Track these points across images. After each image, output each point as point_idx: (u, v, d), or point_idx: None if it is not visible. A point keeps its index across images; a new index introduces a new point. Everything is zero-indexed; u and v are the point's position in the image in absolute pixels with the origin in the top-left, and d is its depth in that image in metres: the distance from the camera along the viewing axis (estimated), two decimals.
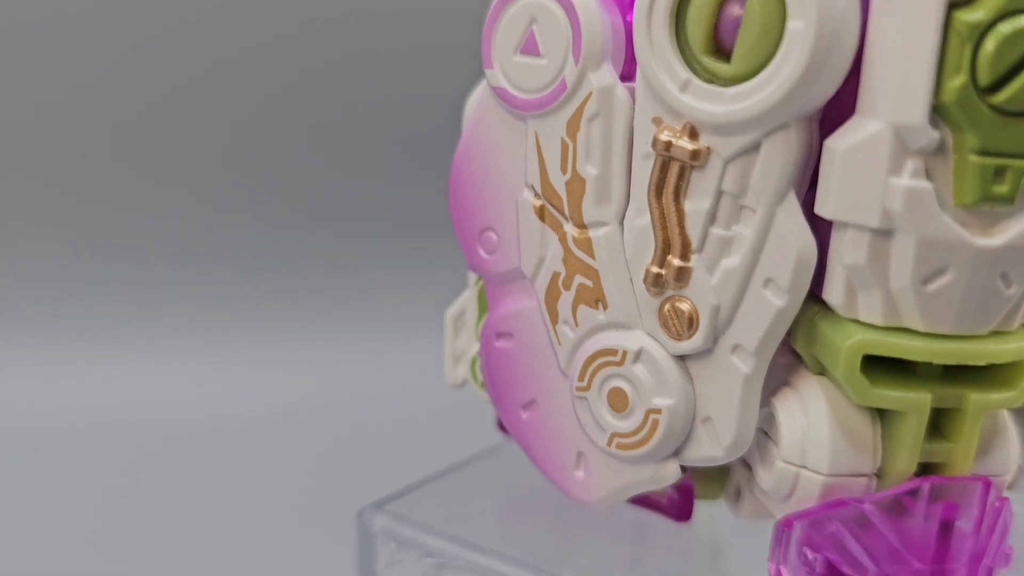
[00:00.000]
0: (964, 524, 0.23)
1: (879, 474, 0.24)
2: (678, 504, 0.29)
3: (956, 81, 0.20)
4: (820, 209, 0.23)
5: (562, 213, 0.26)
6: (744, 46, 0.22)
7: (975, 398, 0.23)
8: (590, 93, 0.25)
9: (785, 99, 0.22)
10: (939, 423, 0.24)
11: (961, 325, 0.22)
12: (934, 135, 0.21)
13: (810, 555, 0.23)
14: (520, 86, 0.26)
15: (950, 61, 0.20)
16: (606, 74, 0.25)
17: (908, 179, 0.21)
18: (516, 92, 0.26)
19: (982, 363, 0.22)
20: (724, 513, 0.29)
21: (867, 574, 0.23)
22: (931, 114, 0.21)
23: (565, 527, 0.31)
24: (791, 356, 0.25)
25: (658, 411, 0.25)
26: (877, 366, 0.23)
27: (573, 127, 0.26)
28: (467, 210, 0.29)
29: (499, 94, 0.27)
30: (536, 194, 0.27)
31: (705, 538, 0.30)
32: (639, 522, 0.30)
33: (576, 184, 0.26)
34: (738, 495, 0.28)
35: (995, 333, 0.23)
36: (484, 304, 0.30)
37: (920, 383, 0.23)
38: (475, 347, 0.32)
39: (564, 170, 0.26)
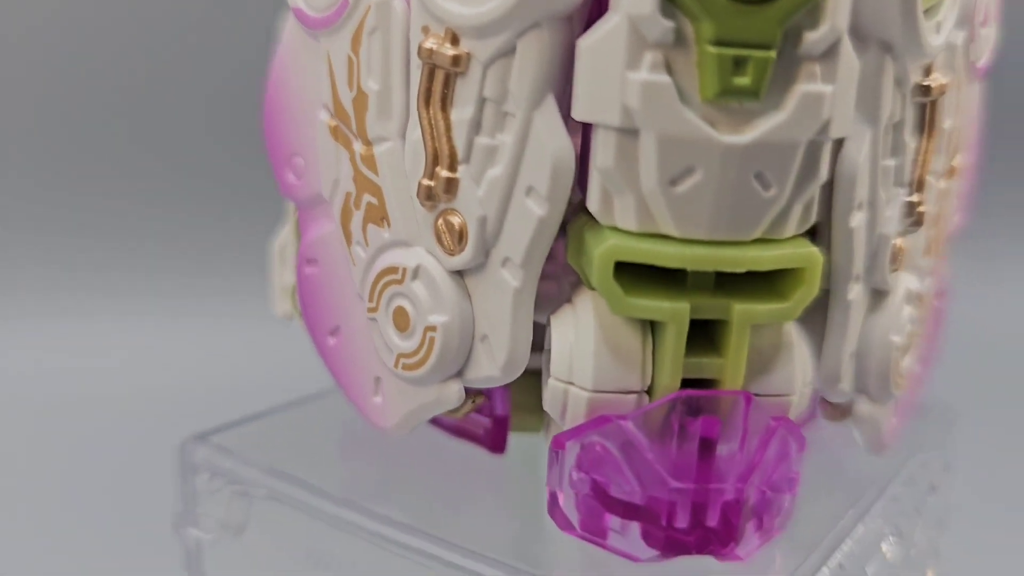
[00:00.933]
0: (728, 443, 0.22)
1: (650, 391, 0.23)
2: (492, 434, 0.28)
3: None
4: (574, 112, 0.22)
5: (352, 131, 0.26)
6: None
7: (740, 308, 0.22)
8: (368, 7, 0.24)
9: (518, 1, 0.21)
10: (713, 337, 0.23)
11: (717, 230, 0.21)
12: (667, 25, 0.20)
13: (575, 476, 0.23)
14: (311, 4, 0.26)
15: None
16: None
17: (646, 73, 0.20)
18: (309, 10, 0.26)
19: (740, 270, 0.21)
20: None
21: (630, 495, 0.22)
22: (665, 4, 0.20)
23: (394, 465, 0.30)
24: (577, 274, 0.24)
25: (434, 328, 0.24)
26: (646, 276, 0.22)
27: (356, 43, 0.25)
28: (277, 136, 0.28)
29: (296, 14, 0.26)
30: (331, 114, 0.26)
31: (530, 473, 0.29)
32: (467, 458, 0.29)
33: (361, 100, 0.25)
34: (547, 423, 0.27)
35: (762, 240, 0.22)
36: (299, 232, 0.30)
37: (681, 292, 0.22)
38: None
39: (351, 87, 0.25)
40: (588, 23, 0.22)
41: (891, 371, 0.25)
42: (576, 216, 0.23)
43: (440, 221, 0.24)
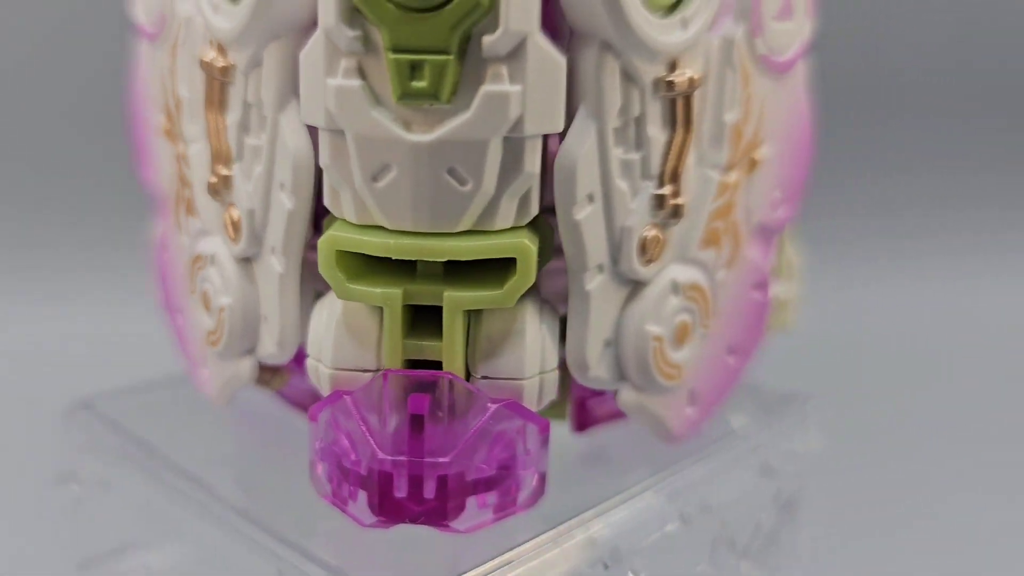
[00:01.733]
0: (440, 420, 0.23)
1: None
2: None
3: None
4: (300, 115, 0.24)
5: (176, 132, 0.29)
6: None
7: (449, 295, 0.23)
8: (180, 23, 0.27)
9: (253, 15, 0.23)
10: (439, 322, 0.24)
11: (420, 222, 0.23)
12: (351, 34, 0.22)
13: (319, 446, 0.25)
14: (147, 18, 0.29)
15: None
16: (187, 4, 0.27)
17: (340, 79, 0.22)
18: (145, 24, 0.29)
19: (442, 259, 0.23)
20: None
21: (355, 466, 0.24)
22: (349, 14, 0.22)
23: (268, 446, 0.33)
24: None
25: (223, 309, 0.27)
26: (376, 264, 0.24)
27: (173, 54, 0.28)
28: (136, 134, 0.32)
29: (137, 26, 0.30)
30: (165, 116, 0.29)
31: None
32: None
33: (179, 105, 0.28)
34: None
35: (473, 231, 0.23)
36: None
37: (396, 279, 0.24)
38: None
39: (173, 93, 0.28)
40: None
41: (652, 361, 0.26)
42: None
43: (226, 213, 0.27)
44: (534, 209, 0.24)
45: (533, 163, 0.23)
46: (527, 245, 0.23)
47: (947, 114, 0.77)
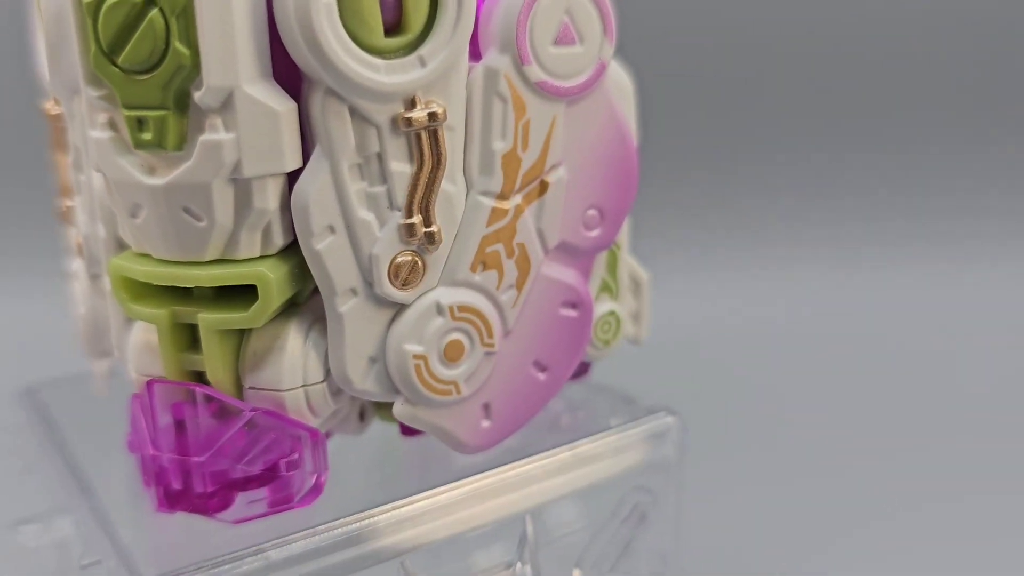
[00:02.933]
0: (197, 424, 0.26)
1: None
2: None
3: (92, 48, 0.24)
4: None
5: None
6: None
7: (203, 316, 0.26)
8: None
9: (50, 70, 0.27)
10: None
11: (172, 252, 0.26)
12: (95, 94, 0.25)
13: (128, 437, 0.28)
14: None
15: (87, 32, 0.24)
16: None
17: (98, 131, 0.25)
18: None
19: (189, 285, 0.26)
20: None
21: (143, 459, 0.27)
22: (95, 77, 0.25)
23: None
24: None
25: (80, 318, 0.31)
26: (154, 287, 0.27)
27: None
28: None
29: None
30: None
31: None
32: None
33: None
34: None
35: (220, 260, 0.26)
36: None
37: (168, 301, 0.26)
38: None
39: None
40: None
41: (416, 378, 0.28)
42: None
43: (75, 238, 0.31)
44: (278, 240, 0.26)
45: (264, 200, 0.25)
46: (264, 273, 0.26)
47: None
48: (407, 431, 0.32)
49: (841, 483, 0.46)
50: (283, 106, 0.25)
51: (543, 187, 0.29)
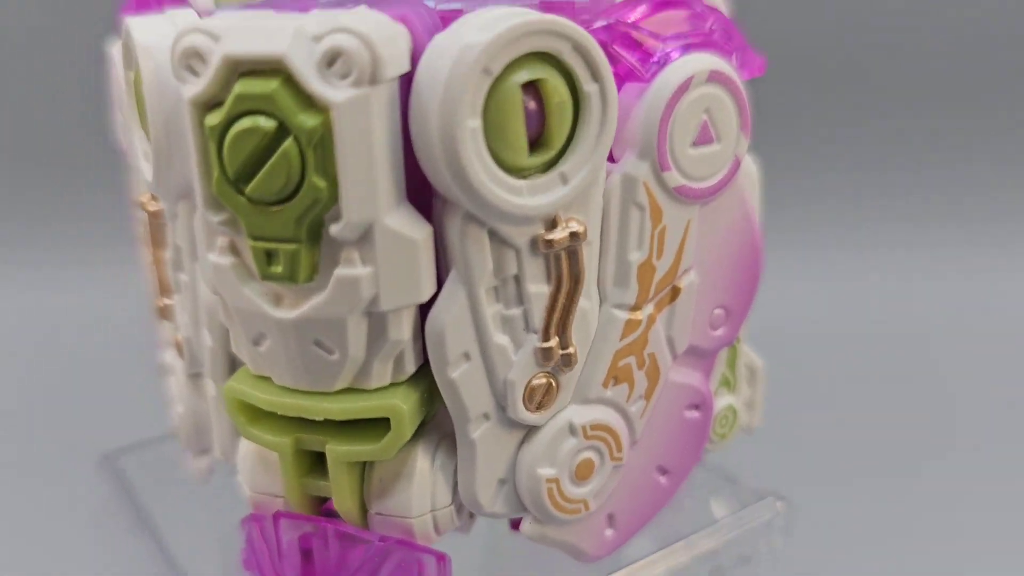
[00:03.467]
0: (320, 552, 0.25)
1: None
2: None
3: (216, 173, 0.22)
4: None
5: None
6: None
7: (332, 448, 0.25)
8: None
9: (156, 175, 0.25)
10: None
11: (300, 382, 0.24)
12: (216, 219, 0.23)
13: (243, 555, 0.27)
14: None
15: (211, 158, 0.22)
16: (131, 137, 0.29)
17: (217, 255, 0.24)
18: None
19: (318, 418, 0.24)
20: None
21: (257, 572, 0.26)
22: (215, 200, 0.23)
23: None
24: None
25: (179, 415, 0.30)
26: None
27: (134, 179, 0.31)
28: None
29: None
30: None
31: None
32: None
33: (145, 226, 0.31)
34: None
35: (349, 390, 0.24)
36: None
37: (289, 427, 0.25)
38: None
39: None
40: None
41: (548, 500, 0.26)
42: None
43: (174, 335, 0.29)
44: (410, 367, 0.25)
45: (399, 331, 0.24)
46: (398, 406, 0.24)
47: None
48: (515, 524, 0.31)
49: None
50: (421, 233, 0.23)
51: (675, 293, 0.27)
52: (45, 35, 0.71)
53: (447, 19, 0.24)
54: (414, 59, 0.23)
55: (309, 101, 0.21)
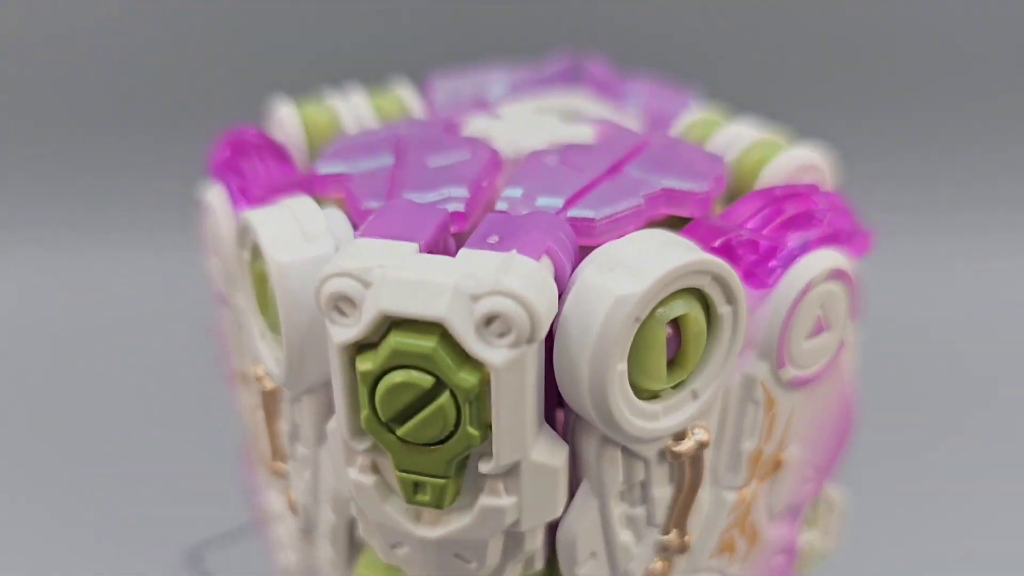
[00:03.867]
0: None
1: None
2: None
3: (365, 411, 0.23)
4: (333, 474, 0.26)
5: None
6: None
7: None
8: (235, 313, 0.30)
9: (288, 373, 0.25)
10: None
11: None
12: (361, 447, 0.23)
13: None
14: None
15: (360, 396, 0.23)
16: (240, 299, 0.29)
17: (357, 472, 0.24)
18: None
19: None
20: None
21: None
22: (362, 431, 0.23)
23: None
24: None
25: (289, 562, 0.31)
26: None
27: (238, 332, 0.31)
28: (218, 341, 0.35)
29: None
30: (240, 371, 0.32)
31: None
32: None
33: (247, 379, 0.31)
34: None
35: None
36: None
37: None
38: None
39: (240, 364, 0.31)
40: None
41: None
42: None
43: (287, 492, 0.30)
44: (539, 566, 0.26)
45: (534, 543, 0.25)
46: None
47: None
48: None
49: None
50: (560, 459, 0.24)
51: (777, 465, 0.28)
52: None
53: (578, 228, 0.24)
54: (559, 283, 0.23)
55: (466, 357, 0.22)
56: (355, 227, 0.27)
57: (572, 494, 0.25)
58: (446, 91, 0.36)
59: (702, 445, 0.25)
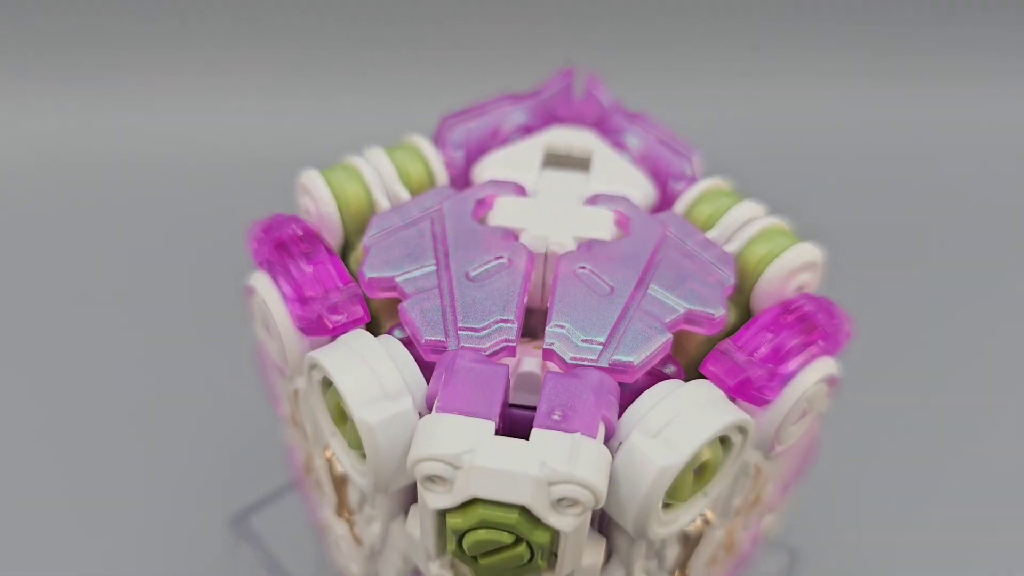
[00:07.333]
0: None
1: None
2: None
3: (451, 546, 0.28)
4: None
5: (303, 438, 0.36)
6: None
7: None
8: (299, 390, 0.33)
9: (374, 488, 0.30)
10: None
11: None
12: (436, 562, 0.29)
13: None
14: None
15: (448, 536, 0.27)
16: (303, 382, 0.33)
17: (436, 567, 0.30)
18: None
19: None
20: None
21: None
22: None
23: None
24: None
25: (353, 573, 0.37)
26: None
27: (294, 400, 0.34)
28: (265, 376, 0.38)
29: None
30: (291, 414, 0.36)
31: None
32: None
33: (305, 433, 0.35)
34: None
35: None
36: None
37: None
38: None
39: (297, 416, 0.35)
40: None
41: None
42: None
43: (353, 530, 0.35)
44: None
45: None
46: None
47: None
48: None
49: None
50: (600, 555, 0.30)
51: (756, 502, 0.35)
52: None
53: (617, 368, 0.28)
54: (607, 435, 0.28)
55: (540, 523, 0.26)
56: (410, 347, 0.30)
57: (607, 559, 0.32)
58: (460, 134, 0.37)
59: (707, 522, 0.31)
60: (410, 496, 0.31)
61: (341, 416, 0.31)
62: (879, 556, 0.51)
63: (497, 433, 0.27)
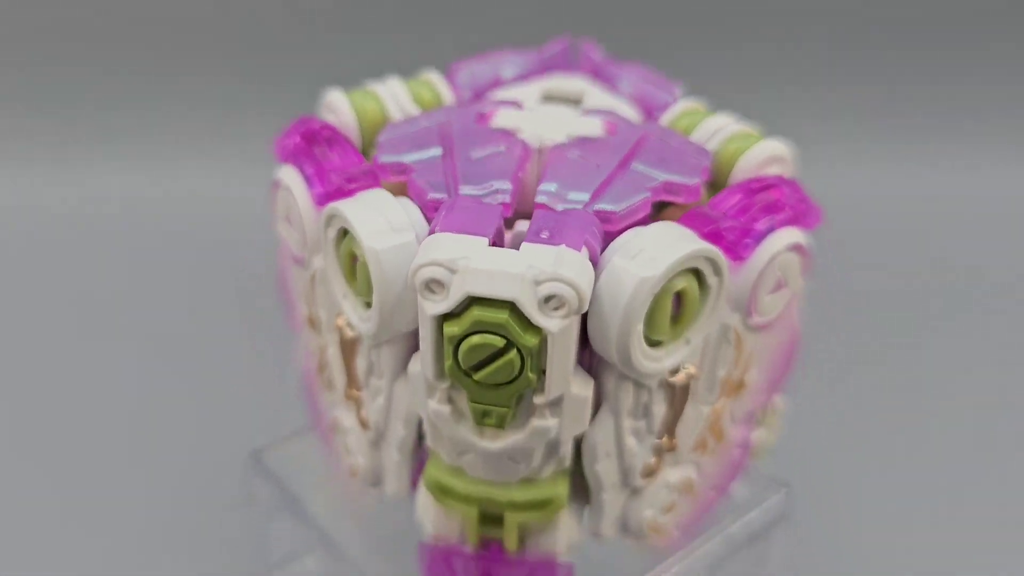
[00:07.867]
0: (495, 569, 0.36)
1: None
2: None
3: (448, 362, 0.30)
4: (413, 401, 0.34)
5: (317, 331, 0.39)
6: None
7: (509, 515, 0.35)
8: (314, 273, 0.37)
9: (378, 328, 0.33)
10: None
11: (490, 477, 0.34)
12: (443, 385, 0.31)
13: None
14: (293, 244, 0.38)
15: (445, 351, 0.30)
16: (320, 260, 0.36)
17: (435, 403, 0.32)
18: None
19: (504, 501, 0.34)
20: None
21: None
22: (441, 373, 0.31)
23: None
24: None
25: (357, 463, 0.39)
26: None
27: (312, 283, 0.38)
28: (283, 291, 0.42)
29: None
30: (309, 314, 0.39)
31: None
32: None
33: (317, 322, 0.38)
34: None
35: (523, 481, 0.34)
36: None
37: (475, 501, 0.35)
38: None
39: (312, 308, 0.38)
40: None
41: (645, 528, 0.37)
42: None
43: (359, 413, 0.38)
44: (566, 463, 0.34)
45: (566, 450, 0.33)
46: (560, 492, 0.34)
47: None
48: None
49: None
50: (589, 390, 0.32)
51: (740, 385, 0.37)
52: None
53: (602, 217, 0.32)
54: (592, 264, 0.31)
55: (529, 324, 0.29)
56: (421, 210, 0.34)
57: (594, 413, 0.34)
58: (467, 75, 0.42)
59: (690, 376, 0.34)
60: (411, 348, 0.34)
61: (352, 272, 0.34)
62: (879, 556, 0.52)
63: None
